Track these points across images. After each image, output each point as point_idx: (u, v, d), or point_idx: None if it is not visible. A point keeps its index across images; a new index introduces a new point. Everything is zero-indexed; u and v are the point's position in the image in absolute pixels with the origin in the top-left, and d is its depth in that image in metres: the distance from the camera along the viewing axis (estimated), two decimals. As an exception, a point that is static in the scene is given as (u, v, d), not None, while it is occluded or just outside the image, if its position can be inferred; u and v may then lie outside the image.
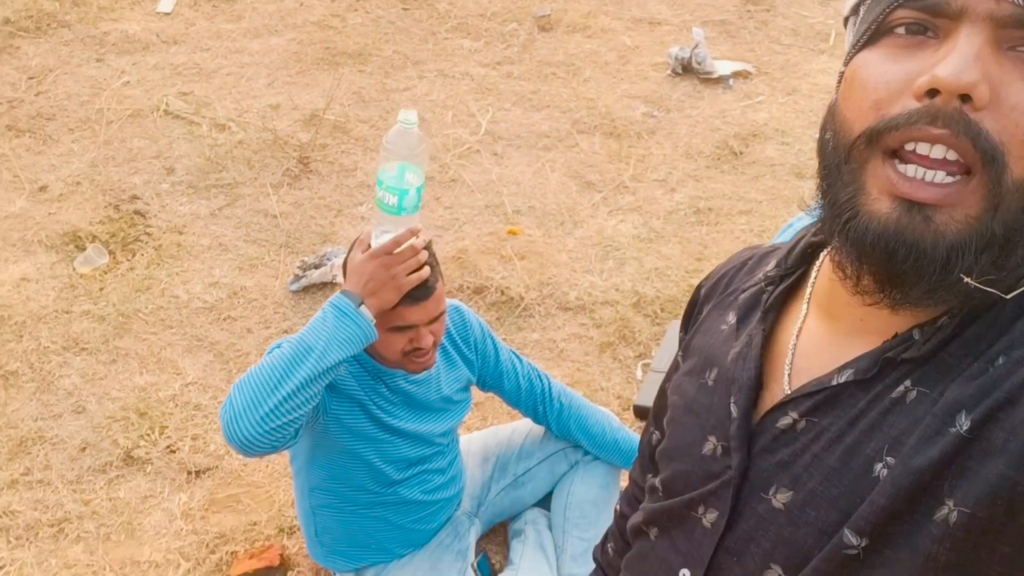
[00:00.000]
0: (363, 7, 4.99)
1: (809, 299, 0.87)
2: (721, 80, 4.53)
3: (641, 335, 2.96)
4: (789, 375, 0.83)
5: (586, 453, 2.18)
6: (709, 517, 0.83)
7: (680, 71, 4.56)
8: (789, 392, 0.80)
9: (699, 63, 4.53)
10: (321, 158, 3.69)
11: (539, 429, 2.22)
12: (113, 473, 2.34)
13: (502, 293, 3.06)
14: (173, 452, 2.41)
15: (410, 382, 1.82)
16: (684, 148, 4.00)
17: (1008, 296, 0.68)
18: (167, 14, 4.84)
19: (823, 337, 0.82)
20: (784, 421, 0.78)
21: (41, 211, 3.30)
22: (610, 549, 1.15)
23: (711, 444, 0.85)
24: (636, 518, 0.98)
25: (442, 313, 1.72)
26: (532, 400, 2.09)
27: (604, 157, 3.89)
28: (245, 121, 3.90)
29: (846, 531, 0.71)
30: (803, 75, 4.68)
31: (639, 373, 2.82)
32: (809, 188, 2.95)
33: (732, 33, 5.07)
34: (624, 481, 2.27)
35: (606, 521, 2.20)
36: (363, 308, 1.54)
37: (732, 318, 0.94)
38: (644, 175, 3.80)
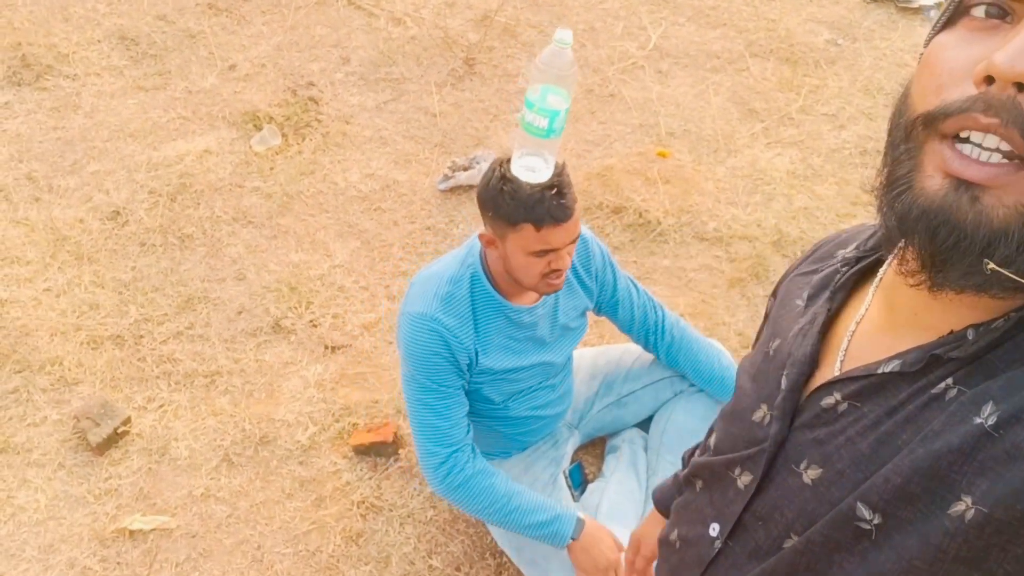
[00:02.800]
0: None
1: (877, 286, 0.87)
2: (921, 10, 4.16)
3: (775, 275, 2.90)
4: (843, 358, 0.84)
5: (692, 384, 2.22)
6: (743, 480, 0.87)
7: (877, -4, 4.22)
8: (838, 374, 0.82)
9: (900, -11, 4.17)
10: (486, 60, 3.75)
11: (649, 354, 2.27)
12: (262, 338, 2.62)
13: (640, 215, 3.07)
14: (315, 326, 2.66)
15: (531, 314, 1.88)
16: (864, 82, 3.75)
17: None
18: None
19: (881, 326, 0.82)
20: (828, 401, 0.80)
21: (228, 89, 3.59)
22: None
23: (762, 412, 0.88)
24: (686, 469, 1.04)
25: (579, 234, 1.79)
26: (644, 330, 2.13)
27: (774, 84, 3.73)
28: (420, 17, 4.00)
29: (859, 504, 0.73)
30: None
31: (767, 313, 2.79)
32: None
33: (947, -44, 4.60)
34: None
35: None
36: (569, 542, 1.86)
37: (804, 295, 0.95)
38: (813, 108, 3.62)
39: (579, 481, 2.23)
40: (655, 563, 1.15)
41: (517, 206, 1.62)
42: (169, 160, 3.20)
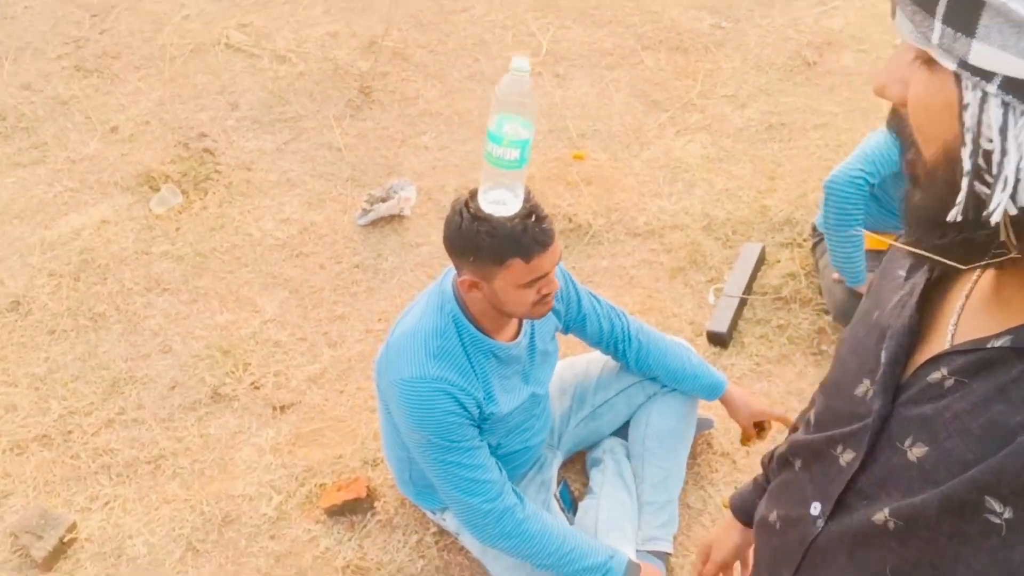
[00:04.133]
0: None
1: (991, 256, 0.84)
2: (793, -16, 4.30)
3: (712, 259, 2.91)
4: (954, 331, 0.80)
5: (663, 385, 2.18)
6: (845, 457, 0.83)
7: (749, -24, 4.34)
8: (947, 348, 0.78)
9: (769, -33, 4.30)
10: (382, 87, 3.65)
11: (614, 361, 2.22)
12: (203, 410, 2.44)
13: (570, 220, 3.03)
14: (257, 388, 2.49)
15: (516, 348, 1.81)
16: (755, 60, 3.84)
17: None
18: (220, -58, 4.77)
19: (994, 299, 0.78)
20: (934, 376, 0.76)
21: (114, 152, 3.36)
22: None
23: (864, 386, 0.84)
24: (782, 448, 0.99)
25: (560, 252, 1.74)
26: (612, 340, 2.08)
27: (670, 74, 3.77)
28: (305, 51, 3.87)
29: (988, 498, 0.68)
30: (881, -26, 4.41)
31: (711, 298, 2.79)
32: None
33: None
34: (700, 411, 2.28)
35: (684, 450, 2.23)
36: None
37: (906, 264, 0.92)
38: (713, 91, 3.67)
39: (569, 501, 2.16)
40: (752, 547, 1.10)
41: (501, 243, 1.55)
42: (65, 237, 2.96)
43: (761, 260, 2.88)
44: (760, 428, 2.16)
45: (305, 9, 4.19)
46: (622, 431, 2.26)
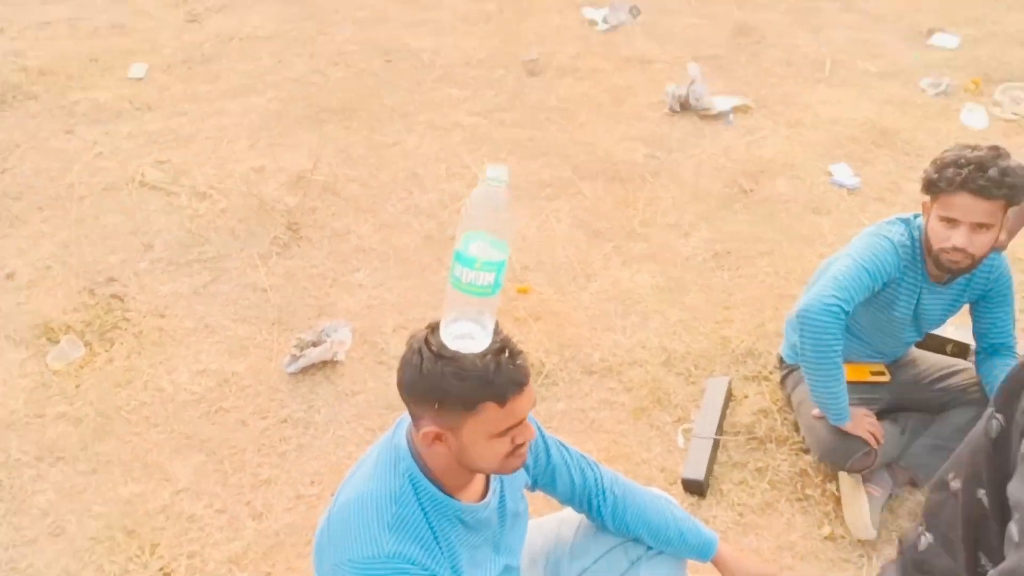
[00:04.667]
0: (344, 61, 4.79)
1: None
2: (721, 116, 4.35)
3: (676, 396, 2.70)
4: None
5: (648, 547, 1.90)
6: None
7: (678, 109, 4.37)
8: None
9: (697, 100, 4.35)
10: (311, 223, 3.43)
11: (589, 520, 1.94)
12: (99, 606, 2.03)
13: (521, 360, 2.79)
14: (168, 575, 2.10)
15: (485, 510, 1.54)
16: (692, 189, 3.79)
17: None
18: (140, 79, 4.60)
19: None
20: None
21: (8, 302, 3.01)
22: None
23: None
24: None
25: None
26: (586, 494, 1.81)
27: (610, 204, 3.67)
28: (227, 187, 3.64)
29: None
30: (804, 106, 4.51)
31: (680, 440, 2.56)
32: (827, 224, 2.64)
33: (725, 67, 4.91)
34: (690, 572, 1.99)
35: (678, 623, 1.92)
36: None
37: None
38: (654, 220, 3.57)
39: None
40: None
41: (472, 386, 1.31)
42: (-61, 400, 2.56)
43: (728, 396, 2.68)
44: None
45: (228, 144, 3.99)
46: (602, 605, 1.94)
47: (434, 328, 1.36)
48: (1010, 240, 2.33)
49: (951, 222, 2.08)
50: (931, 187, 2.10)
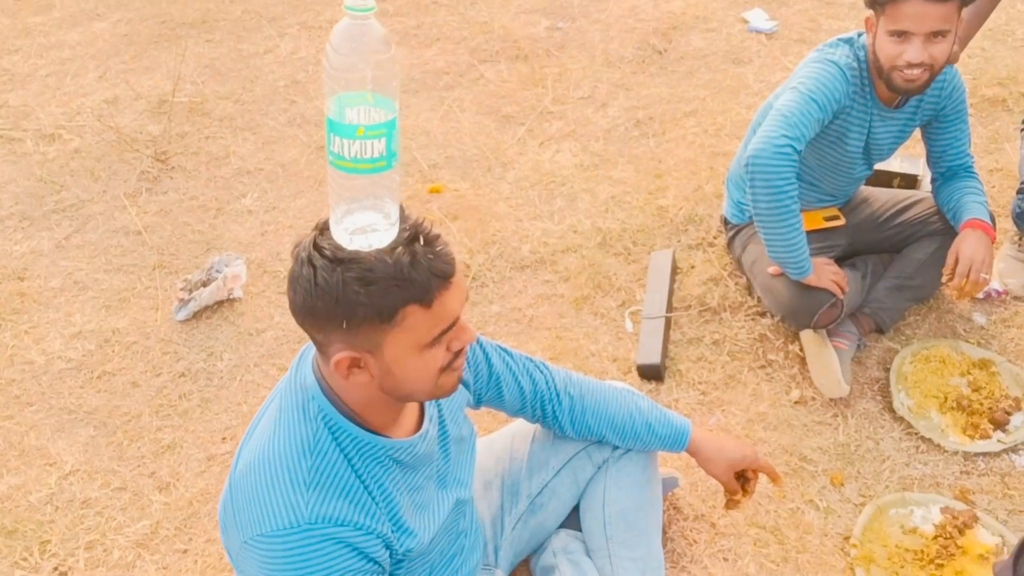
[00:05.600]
0: (195, -31, 4.23)
1: None
2: (622, -26, 3.99)
3: (618, 278, 2.44)
4: None
5: (613, 446, 1.65)
6: None
7: (575, -27, 4.00)
8: None
9: (594, -40, 3.98)
10: (182, 150, 3.00)
11: (545, 429, 1.68)
12: (-15, 624, 1.71)
13: (443, 266, 2.48)
14: (65, 574, 1.78)
15: (422, 442, 1.27)
16: (602, 56, 3.46)
17: None
18: (-45, 20, 3.99)
19: None
20: None
21: None
22: None
23: None
24: None
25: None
26: (539, 401, 1.55)
27: (517, 84, 3.32)
28: (78, 125, 3.16)
29: None
30: (707, -46, 4.17)
31: (629, 325, 2.31)
32: (750, 74, 2.31)
33: (618, -76, 4.52)
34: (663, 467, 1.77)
35: (656, 528, 1.70)
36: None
37: None
38: (567, 95, 3.25)
39: (524, 636, 1.59)
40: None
41: (385, 290, 1.03)
42: None
43: (674, 269, 2.44)
44: (744, 480, 1.67)
45: (73, 78, 3.47)
46: (572, 519, 1.71)
47: (323, 228, 1.06)
48: (962, 50, 2.10)
49: (902, 35, 1.82)
50: None
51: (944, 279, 2.03)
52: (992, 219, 2.07)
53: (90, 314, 2.40)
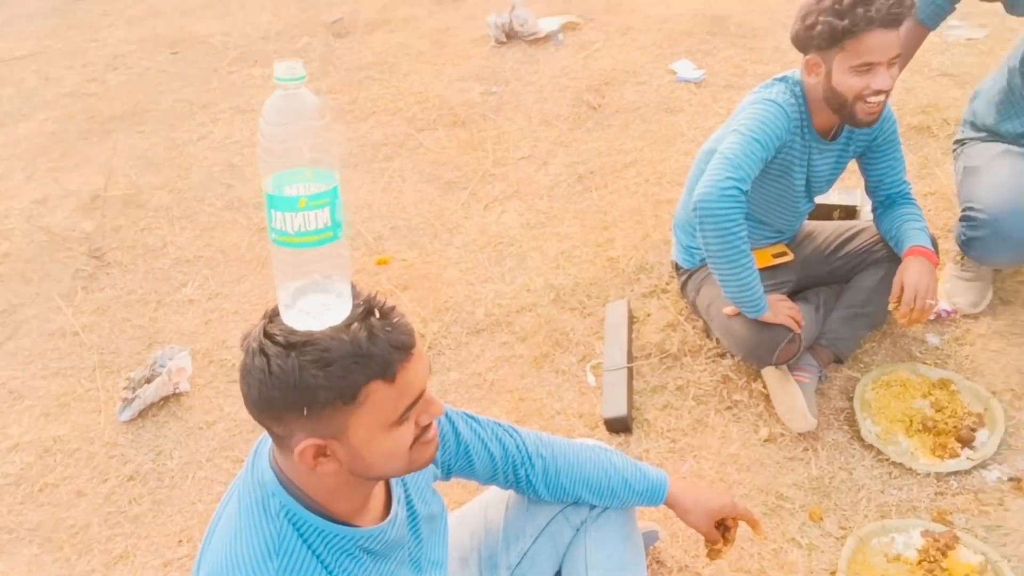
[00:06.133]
0: (123, 64, 4.21)
1: None
2: (550, 37, 4.07)
3: (575, 333, 2.42)
4: None
5: (591, 505, 1.60)
6: None
7: (504, 39, 4.06)
8: None
9: (522, 25, 4.06)
10: (117, 244, 2.92)
11: (518, 495, 1.62)
12: None
13: (396, 337, 2.43)
14: None
15: (392, 528, 1.20)
16: (539, 116, 3.50)
17: None
18: None
19: None
20: None
21: None
22: None
23: None
24: None
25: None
26: (511, 467, 1.49)
27: (456, 150, 3.33)
28: (8, 228, 3.06)
29: None
30: (630, 12, 4.30)
31: (591, 379, 2.28)
32: (683, 121, 2.34)
33: (540, -11, 4.64)
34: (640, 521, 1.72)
35: (639, 584, 1.64)
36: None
37: None
38: (507, 156, 3.26)
39: None
40: None
41: (345, 370, 0.98)
42: None
43: (631, 319, 2.42)
44: (725, 529, 1.63)
45: (1, 181, 3.38)
46: (555, 586, 1.64)
47: (272, 316, 1.01)
48: (899, 74, 2.16)
49: (869, 68, 1.85)
50: (836, 36, 1.85)
51: (891, 307, 2.04)
52: (934, 243, 2.10)
53: (27, 424, 2.28)
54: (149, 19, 4.69)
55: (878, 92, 1.85)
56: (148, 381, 2.28)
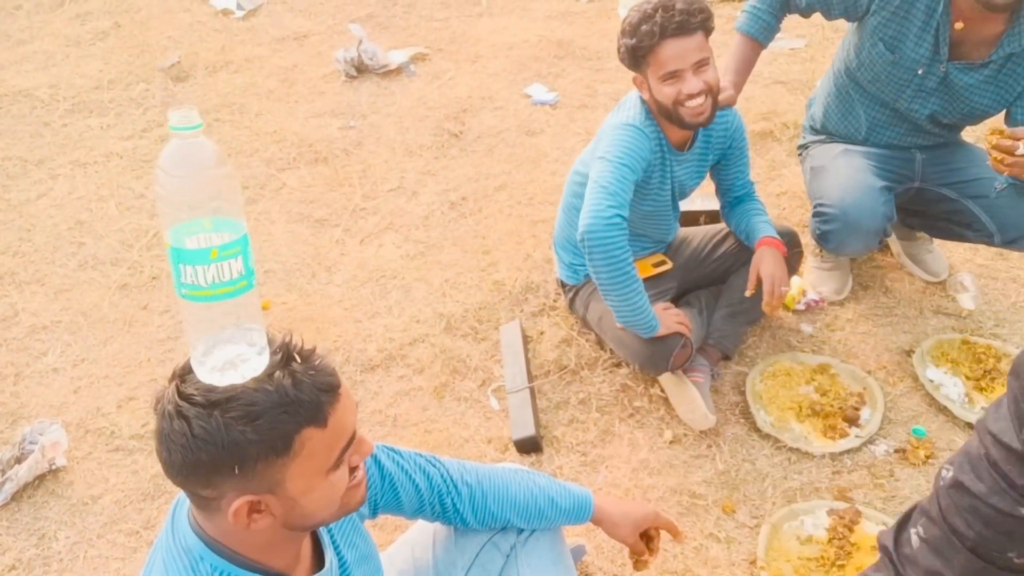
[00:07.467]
0: (-64, 122, 3.85)
1: None
2: (402, 69, 4.08)
3: (472, 359, 2.41)
4: None
5: (519, 529, 1.59)
6: None
7: (355, 73, 4.03)
8: None
9: (372, 58, 4.04)
10: (-41, 319, 2.66)
11: (445, 528, 1.60)
12: None
13: (289, 383, 2.34)
14: None
15: None
16: (402, 147, 3.49)
17: None
18: None
19: None
20: None
21: None
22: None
23: None
24: None
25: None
26: (437, 498, 1.47)
27: (322, 187, 3.26)
28: None
29: None
30: (476, 40, 4.37)
31: (494, 403, 2.28)
32: (545, 142, 2.45)
33: (385, 24, 4.64)
34: (568, 537, 1.73)
35: (572, 600, 1.65)
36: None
37: None
38: (376, 190, 3.23)
39: None
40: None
41: (275, 420, 0.95)
42: None
43: (525, 339, 2.44)
44: (648, 539, 1.66)
45: None
46: (492, 616, 1.62)
47: (183, 375, 0.97)
48: (738, 95, 2.30)
49: (674, 76, 1.98)
50: (636, 54, 2.00)
51: (747, 294, 2.18)
52: (786, 235, 2.26)
53: None
54: (-40, 73, 4.32)
55: (691, 96, 1.98)
56: (19, 461, 2.08)
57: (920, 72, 2.22)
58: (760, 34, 2.40)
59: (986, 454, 1.02)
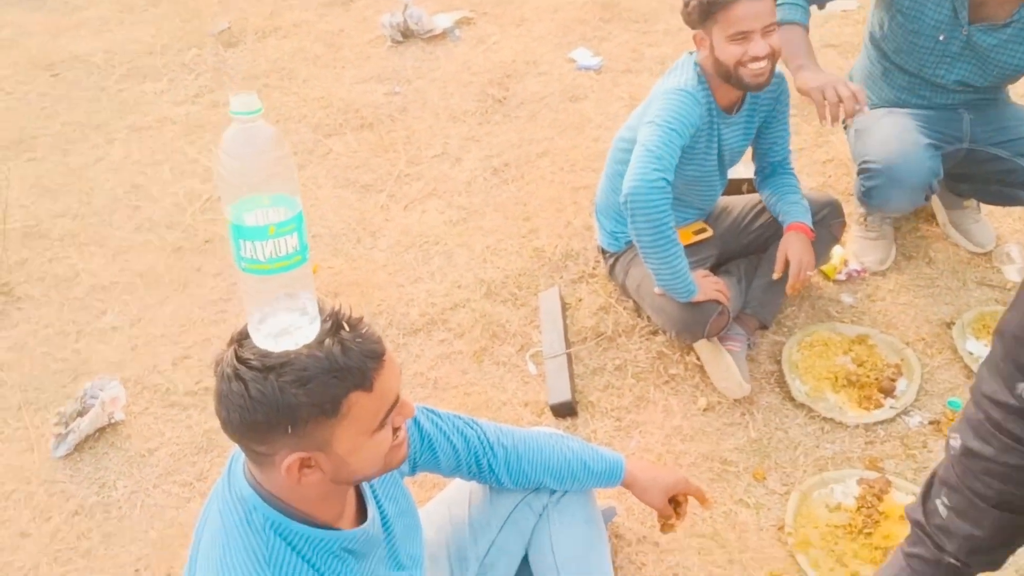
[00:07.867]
0: (0, 89, 3.99)
1: None
2: (446, 34, 4.09)
3: (511, 324, 2.47)
4: None
5: (551, 491, 1.65)
6: None
7: (400, 38, 4.06)
8: None
9: (417, 23, 4.06)
10: (25, 278, 2.79)
11: (480, 487, 1.67)
12: None
13: (334, 345, 2.42)
14: None
15: (374, 527, 1.26)
16: (446, 113, 3.52)
17: None
18: None
19: None
20: None
21: None
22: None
23: None
24: None
25: None
26: (474, 457, 1.54)
27: (368, 153, 3.32)
28: (-102, 271, 2.88)
29: None
30: (521, 3, 4.35)
31: (532, 367, 2.33)
32: (589, 108, 2.45)
33: (431, -14, 4.64)
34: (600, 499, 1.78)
35: (606, 561, 1.71)
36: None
37: None
38: (420, 155, 3.28)
39: None
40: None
41: (325, 385, 1.02)
42: None
43: (563, 306, 2.48)
44: (676, 504, 1.71)
45: None
46: (524, 570, 1.69)
47: (240, 340, 1.05)
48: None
49: (743, 36, 1.97)
50: (709, 10, 1.98)
51: (775, 276, 2.20)
52: (821, 204, 2.28)
53: (-46, 473, 2.18)
54: (18, 41, 4.44)
55: (755, 59, 1.98)
56: (80, 414, 2.20)
57: (941, 38, 2.19)
58: (803, 18, 2.38)
59: (987, 418, 1.05)
